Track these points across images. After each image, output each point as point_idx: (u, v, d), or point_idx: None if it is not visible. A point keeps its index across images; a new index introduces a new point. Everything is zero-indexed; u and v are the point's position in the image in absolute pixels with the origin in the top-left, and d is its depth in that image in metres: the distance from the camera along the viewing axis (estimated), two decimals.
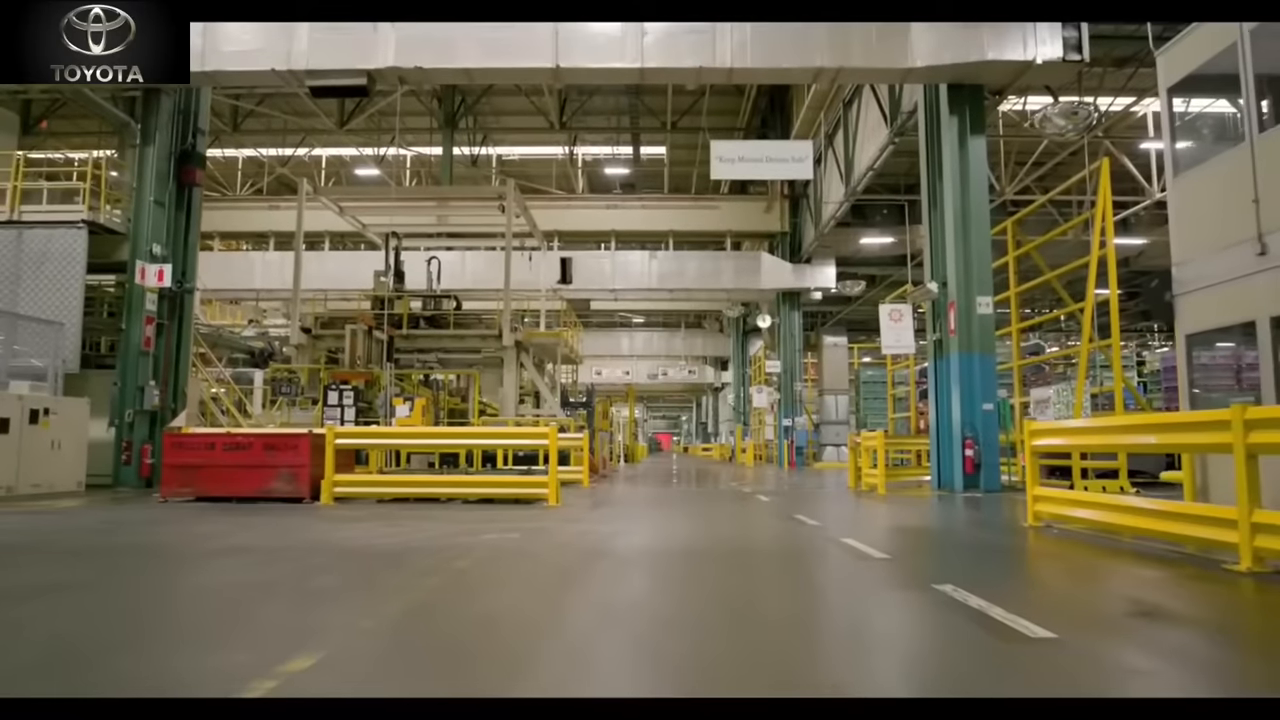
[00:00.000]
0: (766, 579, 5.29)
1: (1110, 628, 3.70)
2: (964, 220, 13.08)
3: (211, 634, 3.55)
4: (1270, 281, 6.79)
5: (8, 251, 12.38)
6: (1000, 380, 13.68)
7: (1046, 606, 4.24)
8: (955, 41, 12.58)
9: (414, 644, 3.34)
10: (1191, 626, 3.87)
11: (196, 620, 3.91)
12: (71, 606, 4.12)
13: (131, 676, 2.84)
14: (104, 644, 3.32)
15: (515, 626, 3.72)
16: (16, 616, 3.86)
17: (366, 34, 12.71)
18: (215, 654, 3.14)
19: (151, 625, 3.76)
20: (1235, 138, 7.53)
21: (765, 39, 12.68)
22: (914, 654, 3.39)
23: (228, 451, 10.00)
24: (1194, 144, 9.00)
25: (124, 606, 4.19)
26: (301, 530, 7.39)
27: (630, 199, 30.67)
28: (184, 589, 4.85)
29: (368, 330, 17.16)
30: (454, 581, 4.86)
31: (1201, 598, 4.47)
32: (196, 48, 12.75)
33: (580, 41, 12.77)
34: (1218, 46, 7.37)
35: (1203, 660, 3.23)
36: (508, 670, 2.98)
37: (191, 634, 3.60)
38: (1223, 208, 7.42)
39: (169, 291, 13.40)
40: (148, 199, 13.25)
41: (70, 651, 3.14)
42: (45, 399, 11.09)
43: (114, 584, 4.89)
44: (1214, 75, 7.63)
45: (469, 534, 7.01)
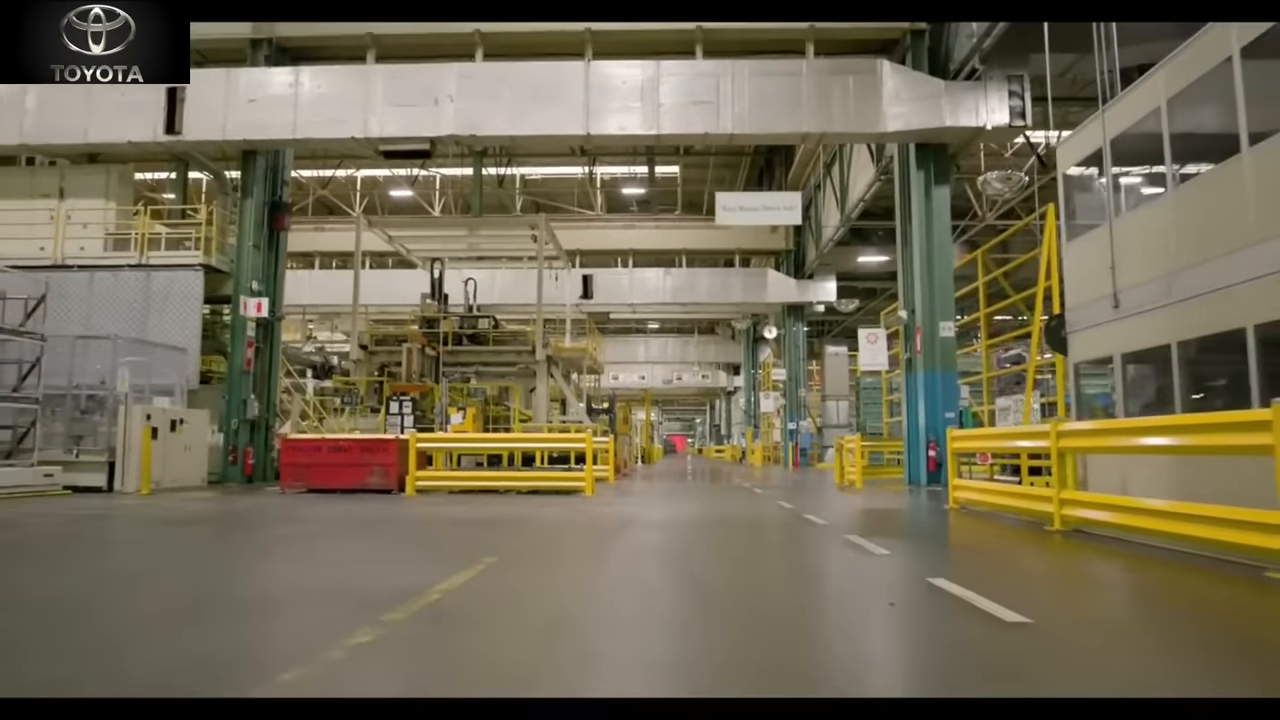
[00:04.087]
0: (741, 535, 7.87)
1: (924, 551, 6.22)
2: (929, 257, 15.57)
3: (440, 553, 6.22)
4: (1121, 328, 9.24)
5: (139, 289, 15.14)
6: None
7: (899, 542, 6.80)
8: (920, 110, 15.07)
9: (538, 555, 5.98)
10: (984, 553, 6.40)
11: (426, 548, 6.58)
12: (346, 544, 6.73)
13: (427, 566, 5.43)
14: (395, 555, 5.92)
15: (586, 549, 6.33)
16: (326, 546, 6.49)
17: (429, 108, 15.38)
18: (452, 559, 5.76)
19: (406, 550, 6.40)
20: (1102, 218, 9.98)
21: (761, 109, 15.23)
22: (812, 562, 5.96)
23: (332, 453, 12.68)
24: (1080, 219, 11.45)
25: (378, 542, 6.78)
26: (412, 510, 10.01)
27: (646, 220, 33.18)
28: (392, 537, 7.39)
29: (421, 348, 19.82)
30: (540, 532, 7.46)
31: (1006, 539, 6.98)
32: (289, 120, 15.54)
33: (607, 113, 15.36)
34: (1089, 149, 9.85)
35: (959, 563, 5.77)
36: (591, 564, 5.60)
37: (432, 553, 6.27)
38: (1093, 270, 9.87)
39: (264, 320, 16.10)
40: (247, 243, 15.98)
41: (380, 558, 5.75)
42: (180, 411, 13.81)
43: (348, 535, 7.48)
44: (1087, 172, 10.10)
45: (533, 511, 9.61)
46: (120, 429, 12.60)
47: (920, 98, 15.02)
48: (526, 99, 15.45)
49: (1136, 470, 8.39)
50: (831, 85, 15.20)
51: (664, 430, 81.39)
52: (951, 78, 15.19)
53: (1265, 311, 6.92)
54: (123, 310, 14.92)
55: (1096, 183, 10.57)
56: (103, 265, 15.37)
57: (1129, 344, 9.08)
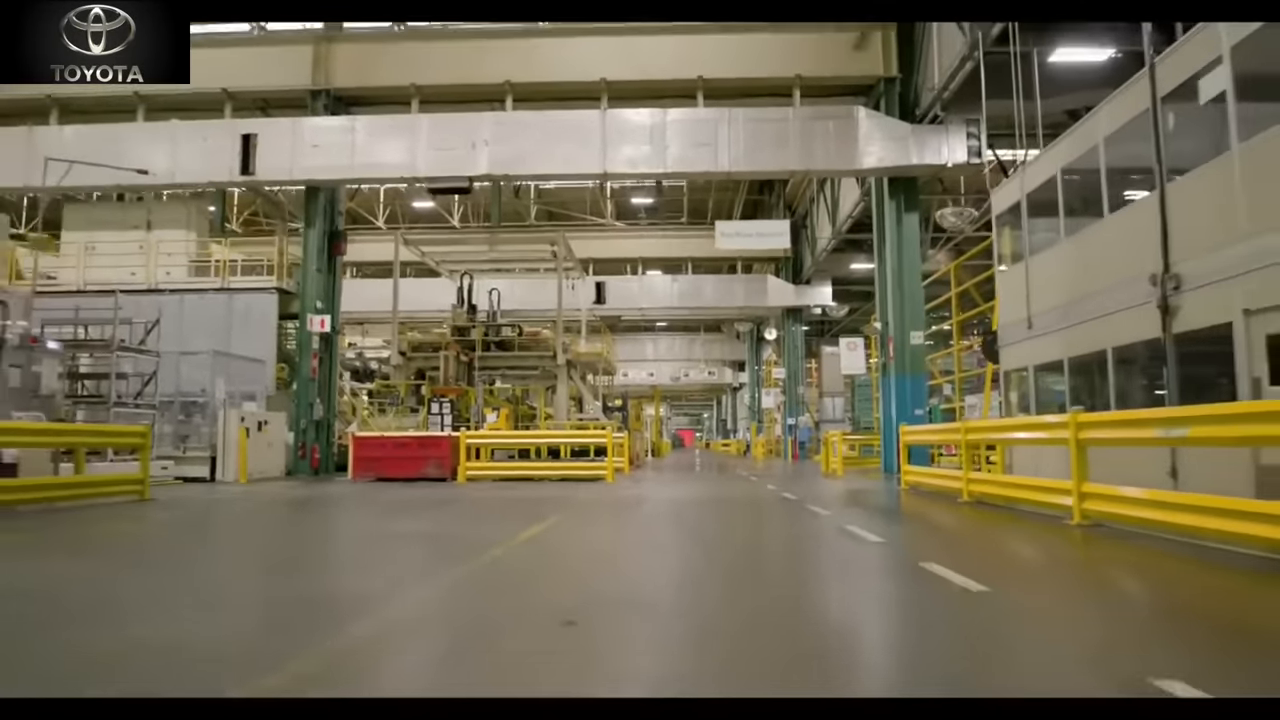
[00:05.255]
0: (730, 507, 10.38)
1: (853, 513, 8.70)
2: (900, 275, 17.98)
3: (515, 517, 8.73)
4: (1033, 345, 11.66)
5: (222, 310, 17.73)
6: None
7: (842, 508, 9.29)
8: (891, 150, 17.47)
9: (584, 517, 8.50)
10: (896, 513, 8.89)
11: (503, 515, 9.07)
12: (447, 512, 9.25)
13: (511, 524, 7.94)
14: (485, 518, 8.43)
15: (617, 515, 8.86)
16: (434, 513, 9.03)
17: (468, 150, 17.88)
18: (526, 520, 8.26)
19: (491, 516, 8.92)
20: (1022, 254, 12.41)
21: (754, 150, 17.68)
22: (775, 522, 8.46)
23: (396, 448, 15.24)
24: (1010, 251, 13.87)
25: (468, 511, 9.28)
26: (472, 493, 12.52)
27: (654, 229, 35.59)
28: (473, 509, 9.88)
29: (456, 355, 22.37)
30: (580, 505, 9.98)
31: (922, 506, 9.43)
32: (347, 162, 18.08)
33: (621, 154, 17.84)
34: (1012, 200, 12.26)
35: (867, 514, 8.25)
36: (622, 523, 8.11)
37: (510, 517, 8.78)
38: (1015, 297, 12.30)
39: (325, 335, 18.65)
40: (311, 268, 18.52)
41: (478, 520, 8.28)
42: (264, 413, 16.39)
43: (441, 508, 9.99)
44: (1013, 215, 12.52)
45: (568, 492, 12.12)
46: (220, 429, 15.18)
47: (891, 139, 17.42)
48: (552, 142, 17.97)
49: (1045, 458, 10.84)
50: (815, 129, 17.64)
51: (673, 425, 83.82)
52: (918, 121, 17.57)
53: (1119, 337, 9.37)
54: (209, 327, 17.51)
55: (1021, 226, 13.01)
56: (191, 289, 17.98)
57: (1039, 358, 11.53)
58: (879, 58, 18.25)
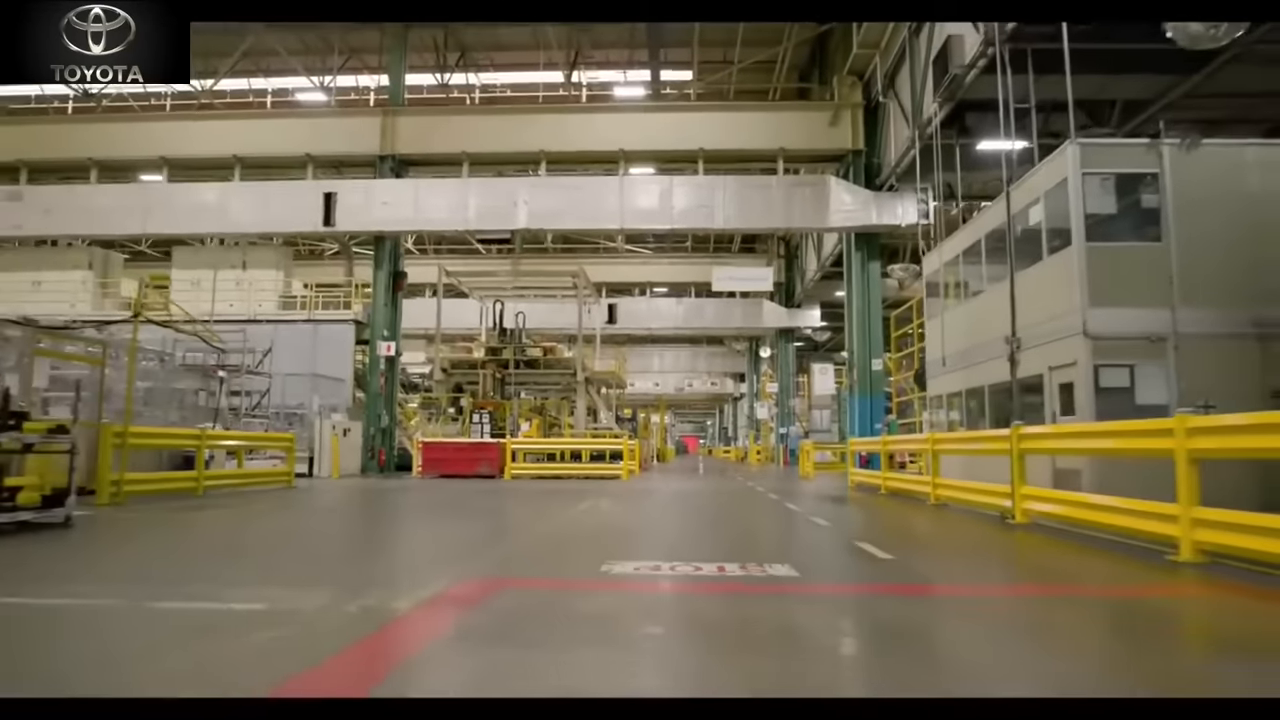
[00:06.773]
0: (718, 497, 14.27)
1: (803, 501, 12.61)
2: (865, 313, 21.88)
3: (563, 501, 12.62)
4: (946, 379, 15.53)
5: (308, 338, 21.72)
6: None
7: (796, 498, 13.18)
8: (857, 212, 21.39)
9: (615, 500, 12.44)
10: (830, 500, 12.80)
11: (554, 499, 12.95)
12: (512, 498, 13.17)
13: (562, 505, 11.88)
14: (542, 501, 12.35)
15: (637, 499, 12.80)
16: (501, 500, 12.96)
17: (509, 208, 21.87)
18: (572, 502, 12.18)
19: (546, 499, 12.83)
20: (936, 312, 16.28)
21: (744, 211, 21.67)
22: (746, 505, 12.38)
23: (455, 451, 19.16)
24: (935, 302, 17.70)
25: (528, 498, 13.18)
26: (520, 486, 16.39)
27: (661, 256, 39.55)
28: (530, 496, 13.76)
29: (493, 373, 26.33)
30: (609, 494, 13.89)
31: (851, 496, 13.30)
32: (410, 216, 22.09)
33: (635, 212, 21.82)
34: (935, 267, 16.15)
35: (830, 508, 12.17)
36: (641, 504, 12.06)
37: (559, 501, 12.65)
38: (936, 340, 16.17)
39: (390, 357, 22.62)
40: (380, 303, 22.51)
41: (538, 503, 12.23)
42: (346, 422, 20.34)
43: (505, 495, 13.89)
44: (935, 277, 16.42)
45: (596, 487, 16.00)
46: (316, 434, 19.12)
47: (857, 203, 21.36)
48: (579, 200, 21.98)
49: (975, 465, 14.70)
50: (795, 193, 21.61)
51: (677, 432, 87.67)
52: (879, 188, 21.50)
53: (992, 378, 13.26)
54: (298, 352, 21.50)
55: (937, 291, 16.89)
56: (284, 320, 22.01)
57: (948, 389, 15.44)
58: (848, 133, 22.19)
